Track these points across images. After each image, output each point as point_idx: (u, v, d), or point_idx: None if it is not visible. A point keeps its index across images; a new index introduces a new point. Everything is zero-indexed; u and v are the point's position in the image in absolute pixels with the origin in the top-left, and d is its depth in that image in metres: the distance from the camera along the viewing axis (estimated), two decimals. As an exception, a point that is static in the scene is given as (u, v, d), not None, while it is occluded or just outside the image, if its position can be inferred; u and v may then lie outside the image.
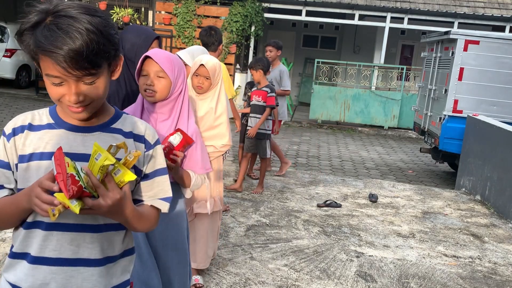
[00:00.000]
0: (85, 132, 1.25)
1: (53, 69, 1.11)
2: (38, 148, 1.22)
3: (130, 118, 1.34)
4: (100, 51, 1.13)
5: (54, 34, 1.09)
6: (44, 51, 1.10)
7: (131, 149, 1.21)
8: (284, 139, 9.79)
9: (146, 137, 1.33)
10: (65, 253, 1.23)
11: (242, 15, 11.70)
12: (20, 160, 1.23)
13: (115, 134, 1.28)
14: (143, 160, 1.31)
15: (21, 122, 1.26)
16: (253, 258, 3.58)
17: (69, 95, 1.15)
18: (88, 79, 1.15)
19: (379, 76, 13.02)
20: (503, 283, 3.56)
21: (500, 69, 6.51)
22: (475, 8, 12.25)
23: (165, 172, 1.37)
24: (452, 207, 5.45)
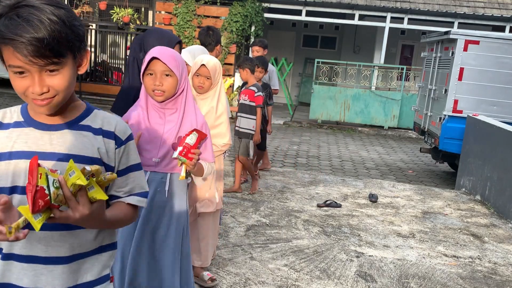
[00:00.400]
0: (52, 130, 1.22)
1: (15, 58, 1.09)
2: (6, 147, 1.20)
3: (101, 113, 1.31)
4: (63, 40, 1.11)
5: (15, 22, 1.07)
6: (4, 39, 1.07)
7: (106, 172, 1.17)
8: (284, 139, 9.79)
9: (116, 133, 1.30)
10: (34, 251, 1.22)
11: (242, 15, 11.70)
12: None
13: (83, 131, 1.25)
14: (113, 157, 1.28)
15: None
16: (253, 258, 3.58)
17: (33, 86, 1.12)
18: (51, 68, 1.12)
19: (379, 76, 13.02)
20: (503, 283, 3.56)
21: (500, 69, 6.50)
22: (475, 8, 12.25)
23: (139, 168, 1.35)
24: (452, 207, 5.45)
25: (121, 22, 11.72)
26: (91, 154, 1.24)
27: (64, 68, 1.15)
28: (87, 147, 1.24)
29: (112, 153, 1.28)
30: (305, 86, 15.31)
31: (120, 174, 1.30)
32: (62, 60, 1.13)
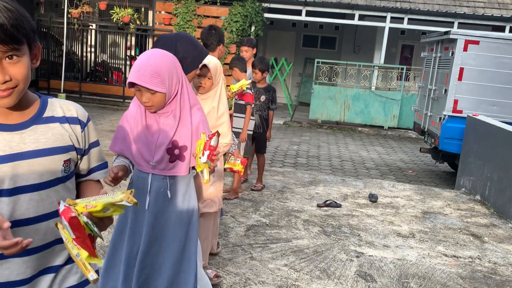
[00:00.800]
0: (20, 130, 1.22)
1: None
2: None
3: (56, 101, 1.33)
4: (20, 28, 1.11)
5: None
6: None
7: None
8: (284, 139, 9.79)
9: (79, 118, 1.35)
10: (35, 243, 1.24)
11: (242, 15, 11.70)
12: None
13: (50, 123, 1.27)
14: (81, 140, 1.34)
15: None
16: (253, 258, 3.58)
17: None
18: (11, 54, 1.12)
19: (379, 76, 13.02)
20: (503, 283, 3.56)
21: (500, 69, 6.51)
22: (475, 8, 12.25)
23: (97, 144, 1.42)
24: (452, 207, 5.45)
25: (121, 22, 11.72)
26: (64, 143, 1.28)
27: (23, 57, 1.15)
28: (59, 138, 1.27)
29: (80, 137, 1.33)
30: (305, 86, 15.31)
31: (85, 153, 1.37)
32: (21, 47, 1.13)
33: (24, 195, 1.21)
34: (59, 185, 1.28)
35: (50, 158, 1.24)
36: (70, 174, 1.33)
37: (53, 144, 1.25)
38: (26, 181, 1.21)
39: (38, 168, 1.23)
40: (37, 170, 1.22)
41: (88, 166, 1.40)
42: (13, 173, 1.19)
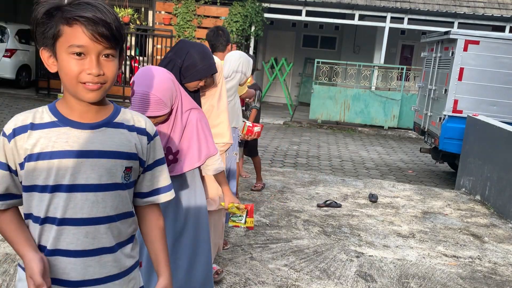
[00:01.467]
0: (91, 129, 1.26)
1: (81, 37, 1.16)
2: (46, 147, 1.23)
3: (128, 112, 1.37)
4: (120, 31, 1.21)
5: (85, 6, 1.16)
6: (76, 18, 1.15)
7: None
8: (284, 139, 9.80)
9: (147, 130, 1.37)
10: (82, 245, 1.26)
11: (242, 15, 11.71)
12: (27, 159, 1.23)
13: (120, 129, 1.31)
14: (146, 152, 1.36)
15: (21, 122, 1.26)
16: (253, 258, 3.58)
17: (91, 67, 1.18)
18: (108, 52, 1.20)
19: (379, 76, 13.02)
20: (503, 283, 3.56)
21: (500, 69, 6.50)
22: (475, 8, 12.25)
23: (163, 162, 1.42)
24: (452, 207, 5.45)
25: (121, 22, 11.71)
26: (129, 149, 1.30)
27: (115, 58, 1.23)
28: (125, 143, 1.30)
29: (145, 148, 1.35)
30: (305, 86, 15.31)
31: (149, 169, 1.38)
32: (116, 49, 1.22)
33: (81, 194, 1.24)
34: (116, 191, 1.30)
35: (113, 161, 1.27)
36: (130, 184, 1.34)
37: (118, 148, 1.28)
38: (85, 179, 1.24)
39: (99, 168, 1.26)
40: (98, 171, 1.25)
41: (151, 184, 1.40)
42: (75, 170, 1.23)
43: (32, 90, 12.67)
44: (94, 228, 1.27)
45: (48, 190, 1.23)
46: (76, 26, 1.16)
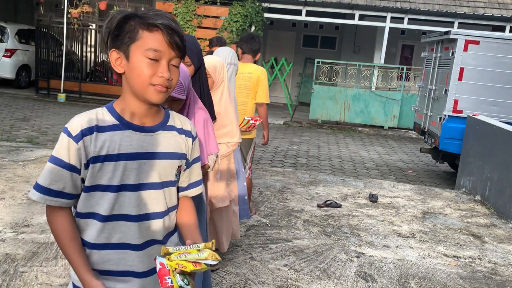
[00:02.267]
0: (150, 132, 1.39)
1: (159, 42, 1.29)
2: (113, 149, 1.32)
3: (176, 115, 1.50)
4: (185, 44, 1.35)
5: (162, 16, 1.31)
6: (155, 25, 1.29)
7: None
8: (284, 139, 9.79)
9: (192, 132, 1.50)
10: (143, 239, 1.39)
11: (242, 15, 11.70)
12: (92, 161, 1.31)
13: (172, 131, 1.44)
14: (190, 152, 1.49)
15: (87, 124, 1.33)
16: (253, 258, 3.57)
17: (163, 71, 1.30)
18: (175, 62, 1.33)
19: (379, 76, 13.02)
20: (503, 283, 3.56)
21: (500, 69, 6.50)
22: (475, 8, 12.25)
23: (198, 160, 1.56)
24: (452, 207, 5.45)
25: (121, 22, 11.72)
26: (180, 150, 1.44)
27: (178, 68, 1.36)
28: (177, 145, 1.44)
29: (190, 148, 1.49)
30: (305, 86, 15.31)
31: (188, 165, 1.51)
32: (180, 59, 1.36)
33: (145, 192, 1.37)
34: (169, 187, 1.43)
35: (170, 161, 1.41)
36: (177, 181, 1.48)
37: (173, 150, 1.42)
38: (147, 178, 1.37)
39: (159, 168, 1.39)
40: (158, 170, 1.39)
41: (189, 179, 1.53)
42: (139, 170, 1.35)
43: (32, 90, 12.67)
44: (152, 222, 1.39)
45: (113, 189, 1.33)
46: (156, 33, 1.29)
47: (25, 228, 3.71)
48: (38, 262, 3.18)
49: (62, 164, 1.31)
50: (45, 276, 3.01)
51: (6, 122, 8.45)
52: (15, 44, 12.53)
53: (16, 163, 5.49)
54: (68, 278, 3.01)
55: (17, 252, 3.30)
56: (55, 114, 9.84)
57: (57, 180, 1.32)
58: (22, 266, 3.11)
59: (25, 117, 9.19)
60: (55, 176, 1.32)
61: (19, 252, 3.30)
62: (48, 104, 11.23)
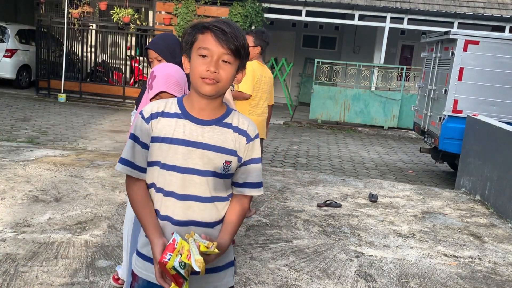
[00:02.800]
0: (203, 125, 1.55)
1: (209, 42, 1.48)
2: (168, 133, 1.54)
3: (237, 114, 1.63)
4: (240, 45, 1.49)
5: (221, 22, 1.50)
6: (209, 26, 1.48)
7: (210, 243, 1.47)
8: (284, 139, 9.80)
9: (248, 131, 1.61)
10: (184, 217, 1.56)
11: (242, 15, 11.71)
12: (153, 140, 1.55)
13: (226, 128, 1.58)
14: (243, 150, 1.60)
15: (156, 109, 1.57)
16: (253, 258, 3.58)
17: (210, 66, 1.47)
18: (226, 58, 1.48)
19: (379, 76, 13.03)
20: (503, 283, 3.56)
21: (500, 69, 6.51)
22: (475, 8, 12.25)
23: (258, 161, 1.65)
24: (452, 207, 5.46)
25: (121, 22, 11.72)
26: (229, 146, 1.56)
27: (231, 65, 1.51)
28: (227, 141, 1.56)
29: (243, 147, 1.60)
30: (305, 86, 15.32)
31: (244, 164, 1.62)
32: (234, 59, 1.50)
33: (190, 176, 1.53)
34: (215, 178, 1.56)
35: (216, 154, 1.54)
36: (228, 174, 1.59)
37: (221, 144, 1.55)
38: (193, 164, 1.53)
39: (205, 158, 1.54)
40: (203, 159, 1.54)
41: (245, 178, 1.63)
42: (187, 156, 1.52)
43: (32, 90, 12.68)
44: (194, 204, 1.55)
45: (166, 168, 1.53)
46: (206, 34, 1.49)
47: (25, 228, 3.71)
48: (38, 262, 3.18)
49: (137, 141, 1.57)
50: (46, 276, 3.01)
51: (6, 122, 8.45)
52: (16, 44, 12.54)
53: (17, 163, 5.50)
54: (68, 278, 3.02)
55: (17, 252, 3.30)
56: (56, 114, 9.85)
57: (134, 154, 1.57)
58: (23, 266, 3.12)
59: (26, 117, 9.20)
60: (132, 150, 1.57)
61: (20, 252, 3.31)
62: (49, 104, 11.23)
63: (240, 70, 1.57)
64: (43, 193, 4.55)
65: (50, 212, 4.09)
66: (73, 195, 4.58)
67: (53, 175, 5.15)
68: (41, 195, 4.49)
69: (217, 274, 1.62)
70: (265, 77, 4.21)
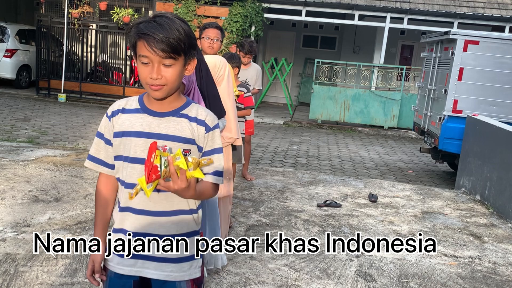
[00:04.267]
0: (160, 117, 1.60)
1: (145, 50, 1.49)
2: (128, 127, 1.60)
3: (196, 106, 1.67)
4: (180, 44, 1.50)
5: (152, 25, 1.49)
6: (142, 34, 1.49)
7: (204, 157, 1.58)
8: (284, 139, 9.80)
9: (206, 121, 1.64)
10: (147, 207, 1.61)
11: (242, 15, 11.71)
12: (115, 135, 1.62)
13: (182, 118, 1.61)
14: (203, 140, 1.63)
15: (117, 107, 1.65)
16: (253, 258, 3.58)
17: (152, 72, 1.50)
18: (167, 62, 1.50)
19: (379, 76, 13.03)
20: (502, 283, 3.56)
21: (500, 69, 6.51)
22: (474, 8, 12.25)
23: (221, 151, 1.68)
24: (452, 207, 5.46)
25: (121, 22, 11.72)
26: (187, 135, 1.60)
27: (176, 65, 1.53)
28: (184, 130, 1.60)
29: (202, 136, 1.63)
30: (305, 86, 15.32)
31: (206, 154, 1.66)
32: (176, 57, 1.51)
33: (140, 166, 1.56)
34: None
35: (173, 143, 1.58)
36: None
37: (178, 134, 1.59)
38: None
39: None
40: None
41: (208, 168, 1.66)
42: (144, 147, 1.55)
43: (32, 90, 12.68)
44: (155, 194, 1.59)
45: (129, 160, 1.59)
46: (141, 42, 1.50)
47: (25, 228, 3.72)
48: (38, 262, 3.19)
49: (101, 137, 1.66)
50: (46, 276, 3.01)
51: (6, 122, 8.45)
52: (16, 44, 12.55)
53: (17, 163, 5.50)
54: (68, 278, 3.02)
55: (17, 251, 3.31)
56: (56, 114, 9.85)
57: (99, 150, 1.66)
58: (23, 265, 3.12)
59: (26, 117, 9.20)
60: (97, 146, 1.66)
61: (20, 251, 3.31)
62: (49, 104, 11.24)
63: (189, 61, 1.58)
64: (43, 193, 4.55)
65: (50, 212, 4.09)
66: (73, 195, 4.58)
67: (53, 175, 5.16)
68: (41, 195, 4.49)
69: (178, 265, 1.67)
70: None
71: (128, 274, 1.65)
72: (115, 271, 1.67)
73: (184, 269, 1.68)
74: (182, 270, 1.68)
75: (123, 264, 1.65)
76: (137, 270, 1.65)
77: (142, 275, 1.65)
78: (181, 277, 1.68)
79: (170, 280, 1.66)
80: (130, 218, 1.63)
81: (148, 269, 1.64)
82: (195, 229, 1.71)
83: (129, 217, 1.63)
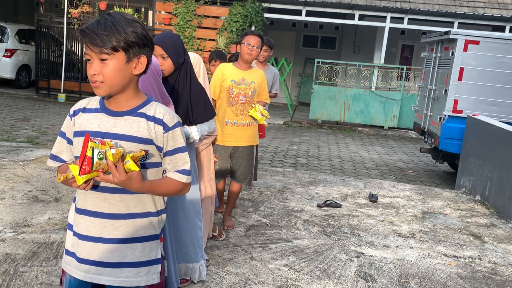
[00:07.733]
0: (117, 116, 1.58)
1: (85, 46, 1.53)
2: (86, 127, 1.59)
3: (156, 104, 1.64)
4: (114, 40, 1.48)
5: (92, 23, 1.51)
6: (80, 32, 1.52)
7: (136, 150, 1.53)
8: (284, 139, 9.79)
9: (164, 120, 1.60)
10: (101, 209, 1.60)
11: (242, 15, 11.70)
12: (74, 134, 1.62)
13: (139, 117, 1.59)
14: (162, 139, 1.60)
15: (79, 106, 1.65)
16: (253, 258, 3.58)
17: (89, 69, 1.52)
18: (102, 57, 1.49)
19: (379, 76, 13.02)
20: (503, 283, 3.56)
21: (500, 69, 6.50)
22: (475, 8, 12.25)
23: (184, 150, 1.65)
24: (452, 207, 5.45)
25: (121, 22, 11.72)
26: (144, 135, 1.57)
27: (112, 61, 1.50)
28: (141, 130, 1.57)
29: (160, 136, 1.60)
30: (305, 86, 15.31)
31: (168, 154, 1.63)
32: (112, 53, 1.49)
33: None
34: None
35: (129, 143, 1.56)
36: (148, 164, 1.61)
37: (134, 134, 1.56)
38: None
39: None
40: None
41: (172, 167, 1.64)
42: None
43: (32, 90, 12.67)
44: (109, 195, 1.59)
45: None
46: (84, 39, 1.52)
47: (25, 228, 3.71)
48: (38, 262, 3.18)
49: (64, 136, 1.66)
50: (45, 276, 3.01)
51: (6, 122, 8.45)
52: (15, 44, 12.54)
53: (16, 163, 5.49)
54: (68, 278, 3.01)
55: (17, 252, 3.30)
56: (55, 114, 9.84)
57: (62, 149, 1.67)
58: (22, 266, 3.11)
59: (25, 117, 9.20)
60: (60, 146, 1.67)
61: (19, 252, 3.30)
62: (48, 104, 11.23)
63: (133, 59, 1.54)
64: (42, 193, 4.54)
65: (50, 212, 4.08)
66: (72, 195, 4.58)
67: (52, 175, 5.15)
68: (41, 195, 4.48)
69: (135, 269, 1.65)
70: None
71: (83, 279, 1.64)
72: (73, 275, 1.67)
73: (141, 274, 1.65)
74: (139, 276, 1.64)
75: (79, 269, 1.64)
76: (91, 276, 1.62)
77: (95, 282, 1.63)
78: (137, 282, 1.64)
79: (126, 286, 1.64)
80: (84, 220, 1.62)
81: (102, 275, 1.62)
82: (153, 233, 1.67)
83: (83, 219, 1.62)
